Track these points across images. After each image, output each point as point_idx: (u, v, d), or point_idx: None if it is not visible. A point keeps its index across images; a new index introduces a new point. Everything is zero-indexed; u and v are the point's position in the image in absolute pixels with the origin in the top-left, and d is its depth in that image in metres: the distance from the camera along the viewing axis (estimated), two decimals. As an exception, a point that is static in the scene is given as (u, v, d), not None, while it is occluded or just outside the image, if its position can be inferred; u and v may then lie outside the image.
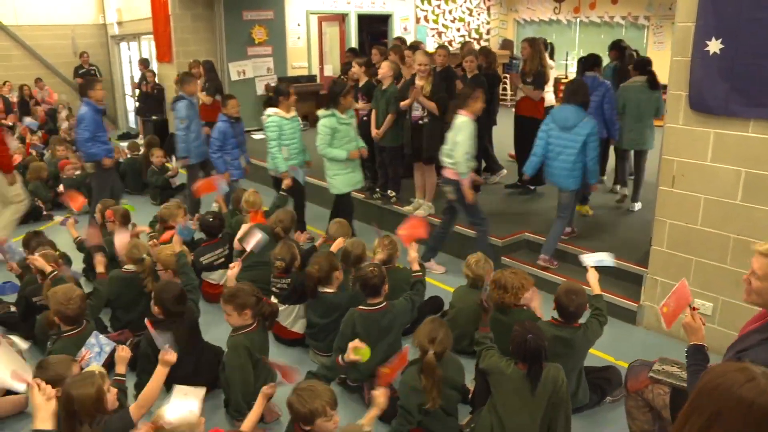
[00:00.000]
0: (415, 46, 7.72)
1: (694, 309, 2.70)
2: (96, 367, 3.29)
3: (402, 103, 6.47)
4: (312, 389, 2.84)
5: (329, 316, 4.28)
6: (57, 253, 4.90)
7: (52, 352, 3.56)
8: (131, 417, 2.95)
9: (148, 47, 13.16)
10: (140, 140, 11.43)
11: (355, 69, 7.15)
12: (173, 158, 8.35)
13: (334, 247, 4.72)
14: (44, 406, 2.56)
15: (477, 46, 10.40)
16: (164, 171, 8.45)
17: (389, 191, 7.01)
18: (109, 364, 3.43)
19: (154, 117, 11.58)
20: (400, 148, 6.75)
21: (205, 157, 7.18)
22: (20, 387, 2.73)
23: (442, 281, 5.70)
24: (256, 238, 4.59)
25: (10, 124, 11.84)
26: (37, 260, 4.33)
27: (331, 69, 13.05)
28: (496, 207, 6.81)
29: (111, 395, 2.96)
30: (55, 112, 12.68)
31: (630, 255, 5.29)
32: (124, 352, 3.37)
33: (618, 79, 7.20)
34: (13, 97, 12.88)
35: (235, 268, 4.21)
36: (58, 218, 7.84)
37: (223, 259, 5.27)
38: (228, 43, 11.21)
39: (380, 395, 3.15)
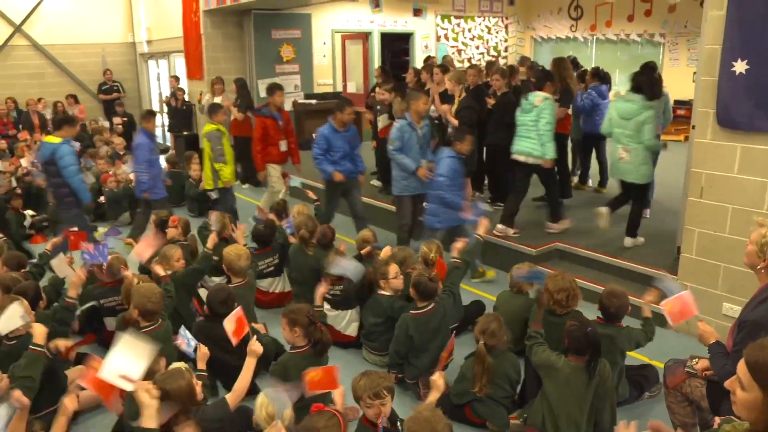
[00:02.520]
0: (446, 66, 8.07)
1: (700, 321, 3.24)
2: (179, 364, 3.60)
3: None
4: (429, 420, 2.64)
5: (383, 317, 4.60)
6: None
7: (134, 348, 3.86)
8: (228, 405, 3.25)
9: (177, 65, 13.60)
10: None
11: (382, 94, 7.50)
12: None
13: (384, 253, 5.02)
14: (150, 405, 2.78)
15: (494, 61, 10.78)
16: (199, 184, 8.81)
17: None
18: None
19: (185, 132, 11.95)
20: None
21: None
22: (127, 387, 3.02)
23: (484, 290, 6.01)
24: (350, 268, 4.72)
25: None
26: (157, 267, 4.70)
27: (354, 86, 13.43)
28: (526, 218, 7.09)
29: (198, 388, 3.26)
30: (85, 127, 13.09)
31: (655, 261, 5.59)
32: (204, 350, 3.69)
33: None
34: (48, 114, 13.31)
35: (322, 288, 4.41)
36: (102, 229, 8.21)
37: (272, 268, 5.59)
38: (257, 61, 11.61)
39: (438, 378, 3.37)
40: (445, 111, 6.74)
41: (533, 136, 6.22)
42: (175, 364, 3.56)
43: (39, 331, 3.68)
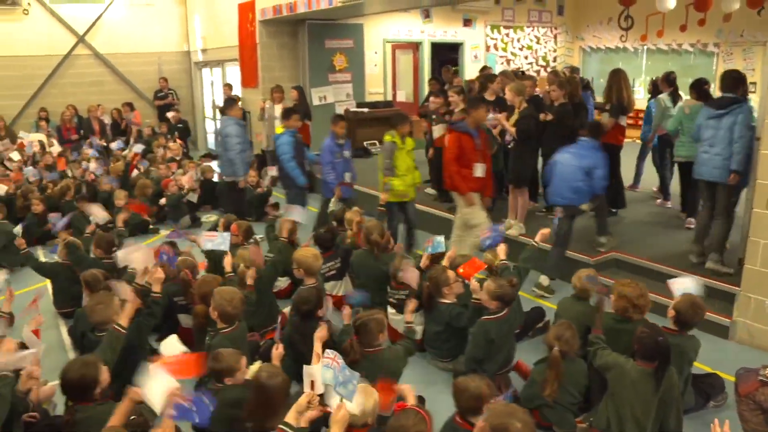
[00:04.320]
0: (493, 76, 8.21)
1: None
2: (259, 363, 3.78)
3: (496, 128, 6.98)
4: (511, 413, 2.76)
5: (442, 325, 4.71)
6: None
7: (211, 347, 4.01)
8: None
9: (229, 73, 13.96)
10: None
11: (454, 98, 7.62)
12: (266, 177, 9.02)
13: (446, 261, 5.12)
14: (301, 406, 2.88)
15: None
16: (256, 188, 9.06)
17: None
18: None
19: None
20: (499, 172, 7.21)
21: None
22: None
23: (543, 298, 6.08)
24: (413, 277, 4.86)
25: (105, 144, 12.72)
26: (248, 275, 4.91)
27: (404, 95, 13.62)
28: (581, 228, 7.12)
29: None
30: (141, 133, 13.53)
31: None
32: (280, 349, 3.86)
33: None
34: (106, 120, 13.80)
35: (410, 305, 4.49)
36: (164, 231, 8.51)
37: (335, 272, 5.75)
38: (311, 70, 11.87)
39: None
40: (502, 118, 6.84)
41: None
42: (255, 365, 3.75)
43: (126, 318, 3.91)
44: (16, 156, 10.96)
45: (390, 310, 4.87)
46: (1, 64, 13.58)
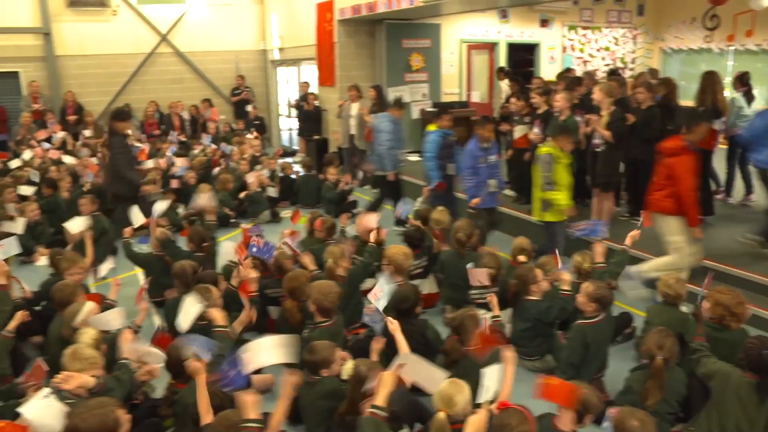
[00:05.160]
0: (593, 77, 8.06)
1: None
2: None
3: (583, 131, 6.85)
4: (631, 412, 3.02)
5: (531, 322, 4.67)
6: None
7: (309, 340, 4.10)
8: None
9: (304, 72, 14.19)
10: (298, 158, 12.47)
11: (537, 100, 7.53)
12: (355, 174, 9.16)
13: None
14: (387, 388, 2.99)
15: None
16: (337, 186, 9.17)
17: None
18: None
19: (315, 136, 12.43)
20: (577, 174, 7.07)
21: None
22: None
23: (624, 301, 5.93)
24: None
25: (184, 139, 13.12)
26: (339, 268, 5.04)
27: (478, 95, 13.53)
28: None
29: None
30: (218, 129, 13.88)
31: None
32: (380, 344, 3.92)
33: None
34: (186, 116, 14.22)
35: (494, 299, 4.55)
36: (245, 226, 8.70)
37: (421, 270, 5.77)
38: (388, 69, 11.92)
39: None
40: (596, 122, 6.71)
41: None
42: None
43: (218, 315, 4.04)
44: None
45: (479, 310, 4.85)
46: (91, 62, 14.19)
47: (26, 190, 8.47)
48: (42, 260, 6.48)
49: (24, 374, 4.48)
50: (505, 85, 11.64)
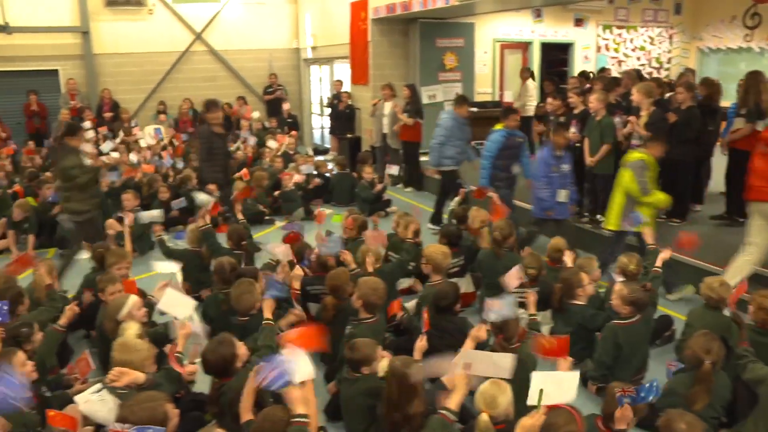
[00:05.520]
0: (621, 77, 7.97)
1: None
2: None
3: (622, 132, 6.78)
4: (681, 413, 3.04)
5: (574, 326, 4.63)
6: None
7: (354, 336, 4.10)
8: None
9: (337, 70, 14.25)
10: (330, 156, 12.53)
11: (573, 99, 7.46)
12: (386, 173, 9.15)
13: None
14: (461, 391, 2.99)
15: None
16: (373, 186, 9.19)
17: (598, 216, 7.23)
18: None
19: (348, 135, 12.47)
20: (613, 176, 6.97)
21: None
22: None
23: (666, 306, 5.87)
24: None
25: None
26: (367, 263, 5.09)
27: (511, 95, 13.43)
28: (704, 237, 6.81)
29: None
30: (251, 127, 13.99)
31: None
32: (423, 342, 3.93)
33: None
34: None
35: (530, 296, 4.53)
36: (279, 223, 8.78)
37: (458, 268, 5.76)
38: (421, 68, 11.91)
39: None
40: (634, 123, 6.64)
41: None
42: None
43: (269, 307, 4.06)
44: (144, 142, 11.60)
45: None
46: (127, 60, 14.45)
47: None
48: (83, 254, 6.58)
49: (68, 366, 4.60)
50: (530, 84, 11.60)
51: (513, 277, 4.64)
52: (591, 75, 10.07)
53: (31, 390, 3.39)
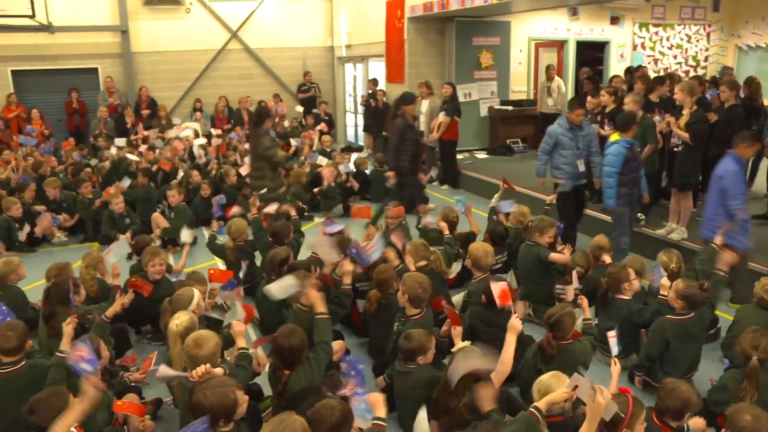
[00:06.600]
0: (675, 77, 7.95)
1: None
2: None
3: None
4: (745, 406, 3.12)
5: (620, 320, 4.64)
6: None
7: (401, 333, 4.15)
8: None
9: (371, 68, 14.34)
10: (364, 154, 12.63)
11: (605, 98, 7.46)
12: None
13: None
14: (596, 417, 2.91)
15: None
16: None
17: (639, 214, 7.22)
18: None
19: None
20: (654, 174, 6.98)
21: None
22: None
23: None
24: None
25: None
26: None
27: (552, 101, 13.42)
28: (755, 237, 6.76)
29: None
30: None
31: None
32: (459, 329, 4.04)
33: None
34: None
35: (584, 302, 4.54)
36: (318, 219, 8.89)
37: (501, 265, 5.82)
38: (457, 67, 11.96)
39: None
40: (672, 122, 6.60)
41: None
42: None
43: (315, 297, 4.10)
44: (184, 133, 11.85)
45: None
46: (164, 58, 14.70)
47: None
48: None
49: (123, 357, 4.78)
50: (555, 83, 11.57)
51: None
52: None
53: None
